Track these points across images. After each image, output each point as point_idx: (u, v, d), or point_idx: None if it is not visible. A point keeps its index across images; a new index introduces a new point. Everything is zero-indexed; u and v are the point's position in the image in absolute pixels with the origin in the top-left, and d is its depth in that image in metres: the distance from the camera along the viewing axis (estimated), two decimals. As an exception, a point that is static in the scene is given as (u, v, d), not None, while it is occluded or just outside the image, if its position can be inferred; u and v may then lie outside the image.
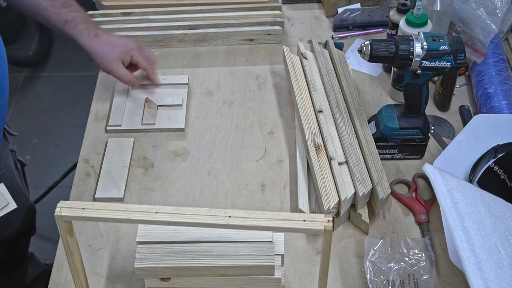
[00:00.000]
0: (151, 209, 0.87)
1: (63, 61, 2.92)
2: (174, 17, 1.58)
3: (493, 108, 1.32)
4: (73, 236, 0.91)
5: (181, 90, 1.44)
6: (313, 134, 1.24)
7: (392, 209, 1.21)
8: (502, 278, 0.92)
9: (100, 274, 1.11)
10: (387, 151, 1.28)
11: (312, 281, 1.10)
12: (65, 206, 0.87)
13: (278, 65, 1.51)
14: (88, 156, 1.32)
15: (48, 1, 1.30)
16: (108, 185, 1.24)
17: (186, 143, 1.34)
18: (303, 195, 1.18)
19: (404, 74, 1.19)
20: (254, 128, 1.37)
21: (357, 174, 1.16)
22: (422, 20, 1.32)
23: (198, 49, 1.56)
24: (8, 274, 1.68)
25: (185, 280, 1.00)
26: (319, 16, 1.66)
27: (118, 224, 1.18)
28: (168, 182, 1.27)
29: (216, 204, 1.22)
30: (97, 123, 1.39)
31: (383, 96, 1.43)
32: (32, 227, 1.65)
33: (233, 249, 0.96)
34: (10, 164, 1.45)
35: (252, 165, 1.29)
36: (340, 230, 1.18)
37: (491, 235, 0.98)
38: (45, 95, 2.81)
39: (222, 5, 1.60)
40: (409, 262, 1.08)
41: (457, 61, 1.15)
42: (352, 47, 1.55)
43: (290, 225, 0.85)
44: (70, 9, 1.32)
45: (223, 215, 0.86)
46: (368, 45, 1.17)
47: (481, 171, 1.19)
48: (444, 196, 1.00)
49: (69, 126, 2.62)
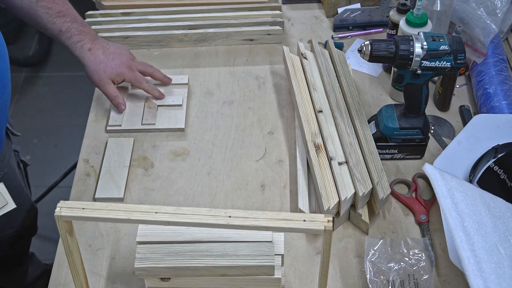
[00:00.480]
0: (151, 209, 0.87)
1: (63, 61, 2.92)
2: (174, 17, 1.58)
3: (493, 108, 1.32)
4: (73, 236, 0.91)
5: (181, 90, 1.44)
6: (313, 134, 1.24)
7: (392, 209, 1.21)
8: (502, 278, 0.92)
9: (100, 274, 1.11)
10: (387, 151, 1.28)
11: (312, 281, 1.10)
12: (65, 206, 0.87)
13: (278, 65, 1.51)
14: (88, 156, 1.32)
15: (44, 9, 1.28)
16: (108, 185, 1.24)
17: (186, 143, 1.34)
18: (303, 195, 1.18)
19: (404, 74, 1.19)
20: (254, 128, 1.37)
21: (357, 174, 1.16)
22: (422, 20, 1.32)
23: (198, 49, 1.56)
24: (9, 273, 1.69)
25: (185, 280, 1.00)
26: (319, 16, 1.66)
27: (118, 224, 1.18)
28: (168, 182, 1.27)
29: (216, 204, 1.22)
30: (97, 123, 1.39)
31: (383, 96, 1.43)
32: (34, 227, 1.65)
33: (233, 249, 0.96)
34: (13, 164, 1.45)
35: (252, 165, 1.29)
36: (340, 230, 1.18)
37: (491, 235, 0.98)
38: (45, 95, 2.82)
39: (222, 5, 1.60)
40: (409, 262, 1.08)
41: (457, 61, 1.15)
42: (352, 47, 1.55)
43: (290, 225, 0.85)
44: (65, 19, 1.30)
45: (223, 215, 0.86)
46: (368, 45, 1.17)
47: (481, 171, 1.19)
48: (444, 196, 1.00)
49: (69, 126, 2.62)
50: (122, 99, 1.37)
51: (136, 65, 1.39)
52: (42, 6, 1.28)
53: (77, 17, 1.33)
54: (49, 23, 1.30)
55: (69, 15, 1.31)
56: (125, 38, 1.54)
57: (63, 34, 1.31)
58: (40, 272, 1.81)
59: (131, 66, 1.37)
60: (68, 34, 1.31)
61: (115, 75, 1.35)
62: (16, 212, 1.46)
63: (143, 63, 1.41)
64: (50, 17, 1.29)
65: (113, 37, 1.53)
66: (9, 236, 1.52)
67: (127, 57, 1.38)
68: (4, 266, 1.65)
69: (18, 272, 1.73)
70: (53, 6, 1.29)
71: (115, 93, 1.36)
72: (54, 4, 1.29)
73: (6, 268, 1.66)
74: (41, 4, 1.28)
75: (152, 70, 1.41)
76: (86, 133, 1.37)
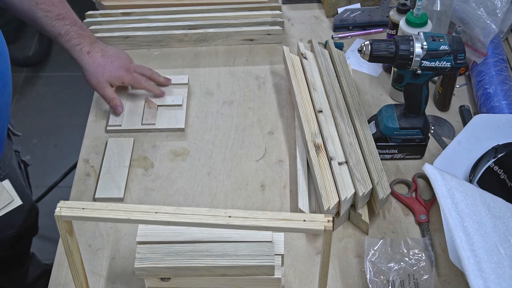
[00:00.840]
0: (151, 209, 0.87)
1: (63, 61, 2.91)
2: (174, 17, 1.58)
3: (493, 108, 1.32)
4: (73, 236, 0.91)
5: (181, 90, 1.44)
6: (313, 134, 1.24)
7: (392, 209, 1.21)
8: (502, 278, 0.92)
9: (100, 274, 1.11)
10: (387, 151, 1.28)
11: (312, 281, 1.10)
12: (65, 206, 0.87)
13: (278, 65, 1.51)
14: (88, 156, 1.32)
15: (43, 12, 1.28)
16: (108, 185, 1.24)
17: (186, 143, 1.34)
18: (303, 195, 1.18)
19: (404, 74, 1.19)
20: (254, 128, 1.37)
21: (357, 174, 1.16)
22: (422, 20, 1.32)
23: (198, 49, 1.56)
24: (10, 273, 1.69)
25: (185, 280, 1.00)
26: (319, 16, 1.66)
27: (118, 224, 1.18)
28: (168, 182, 1.27)
29: (216, 204, 1.22)
30: (97, 123, 1.39)
31: (383, 96, 1.43)
32: (35, 227, 1.65)
33: (233, 249, 0.96)
34: (14, 165, 1.45)
35: (252, 165, 1.29)
36: (340, 230, 1.18)
37: (491, 235, 0.98)
38: (45, 95, 2.81)
39: (222, 5, 1.60)
40: (409, 262, 1.08)
41: (457, 61, 1.15)
42: (352, 47, 1.55)
43: (290, 225, 0.85)
44: (65, 21, 1.30)
45: (223, 215, 0.86)
46: (368, 45, 1.17)
47: (481, 171, 1.19)
48: (444, 196, 1.00)
49: (69, 126, 2.62)
50: (119, 101, 1.37)
51: (134, 67, 1.39)
52: (41, 9, 1.28)
53: (77, 20, 1.33)
54: (48, 26, 1.30)
55: (69, 18, 1.31)
56: (125, 38, 1.54)
57: (62, 37, 1.31)
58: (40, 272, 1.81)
59: (129, 69, 1.37)
60: (67, 37, 1.31)
61: (113, 78, 1.35)
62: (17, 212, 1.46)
63: (141, 66, 1.42)
64: (49, 20, 1.29)
65: (113, 37, 1.53)
66: (10, 236, 1.52)
67: (125, 61, 1.38)
68: (5, 266, 1.65)
69: (19, 272, 1.73)
70: (52, 9, 1.28)
71: (112, 95, 1.36)
72: (54, 7, 1.29)
73: (6, 268, 1.66)
74: (40, 7, 1.27)
75: (151, 73, 1.41)
76: (86, 133, 1.37)
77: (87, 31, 1.35)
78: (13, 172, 1.44)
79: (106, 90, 1.35)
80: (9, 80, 1.28)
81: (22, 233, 1.56)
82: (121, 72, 1.36)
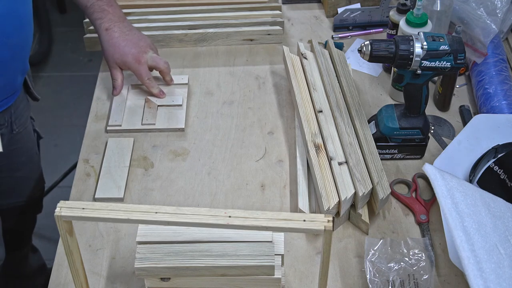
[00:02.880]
0: (151, 209, 0.87)
1: (63, 61, 2.92)
2: (174, 17, 1.58)
3: (493, 108, 1.32)
4: (73, 236, 0.91)
5: (181, 90, 1.44)
6: (313, 134, 1.24)
7: (392, 209, 1.21)
8: (502, 278, 0.93)
9: (100, 274, 1.11)
10: (387, 151, 1.28)
11: (312, 281, 1.10)
12: (65, 206, 0.87)
13: (278, 65, 1.51)
14: (88, 156, 1.32)
15: None
16: (108, 185, 1.24)
17: (186, 143, 1.34)
18: (303, 195, 1.18)
19: (404, 74, 1.19)
20: (254, 128, 1.37)
21: (357, 174, 1.16)
22: (422, 20, 1.32)
23: (198, 49, 1.56)
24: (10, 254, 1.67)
25: (185, 280, 1.00)
26: (319, 16, 1.66)
27: (118, 224, 1.18)
28: (168, 182, 1.27)
29: (216, 204, 1.22)
30: (97, 123, 1.39)
31: (383, 96, 1.43)
32: (40, 203, 1.66)
33: (233, 249, 0.96)
34: (29, 128, 1.47)
35: (252, 165, 1.29)
36: (340, 230, 1.18)
37: (491, 235, 0.98)
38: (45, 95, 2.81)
39: (222, 5, 1.60)
40: (409, 262, 1.08)
41: (457, 61, 1.15)
42: (352, 47, 1.55)
43: (290, 225, 0.85)
44: None
45: (223, 215, 0.86)
46: (368, 45, 1.17)
47: (481, 171, 1.19)
48: (444, 196, 1.00)
49: (69, 126, 2.62)
50: (120, 85, 1.39)
51: (147, 58, 1.38)
52: None
53: None
54: None
55: None
56: (125, 38, 1.54)
57: (88, 9, 1.36)
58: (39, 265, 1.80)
59: (140, 59, 1.37)
60: (91, 10, 1.36)
61: (120, 62, 1.37)
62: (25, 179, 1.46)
63: (158, 58, 1.40)
64: None
65: (113, 37, 1.53)
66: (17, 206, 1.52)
67: (140, 49, 1.37)
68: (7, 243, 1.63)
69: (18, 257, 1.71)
70: None
71: (115, 76, 1.39)
72: None
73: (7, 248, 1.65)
74: None
75: (163, 68, 1.40)
76: (86, 133, 1.37)
77: (113, 7, 1.37)
78: (28, 136, 1.47)
79: (112, 70, 1.39)
80: (28, 24, 1.29)
81: (28, 207, 1.57)
82: (129, 58, 1.36)
